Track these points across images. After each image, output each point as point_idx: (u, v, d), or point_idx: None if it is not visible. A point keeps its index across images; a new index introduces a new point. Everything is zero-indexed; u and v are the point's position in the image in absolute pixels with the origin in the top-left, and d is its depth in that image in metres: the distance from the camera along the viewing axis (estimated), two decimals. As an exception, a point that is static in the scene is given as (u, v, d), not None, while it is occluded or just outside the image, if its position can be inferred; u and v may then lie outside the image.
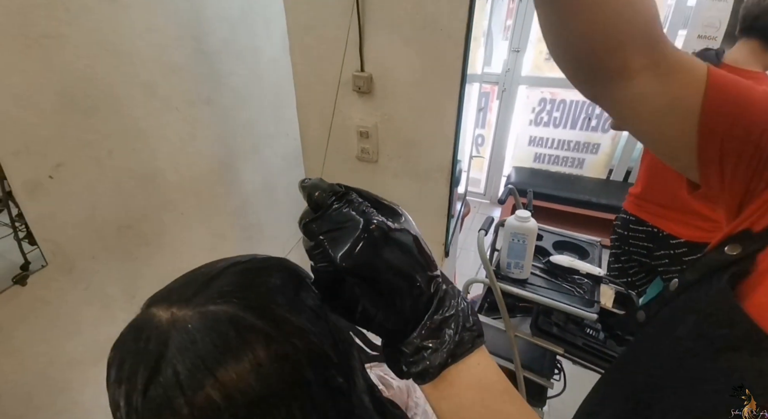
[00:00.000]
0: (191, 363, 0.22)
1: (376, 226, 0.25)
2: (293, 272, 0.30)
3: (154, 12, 0.96)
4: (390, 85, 0.85)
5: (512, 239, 0.90)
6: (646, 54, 0.35)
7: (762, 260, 0.31)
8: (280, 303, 0.26)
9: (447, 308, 0.27)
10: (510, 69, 2.52)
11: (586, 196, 2.34)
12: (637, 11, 0.33)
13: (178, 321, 0.24)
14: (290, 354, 0.24)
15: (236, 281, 0.27)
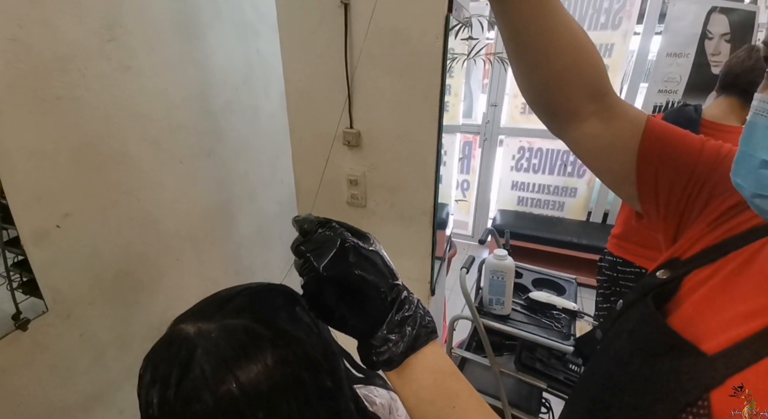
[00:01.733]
0: (215, 363, 0.29)
1: (350, 244, 0.34)
2: (292, 295, 0.37)
3: (165, 78, 1.08)
4: (376, 139, 0.96)
5: (492, 276, 0.97)
6: (594, 103, 0.44)
7: (686, 283, 0.39)
8: (283, 318, 0.33)
9: (407, 309, 0.35)
10: (489, 121, 2.74)
11: (568, 237, 2.44)
12: (584, 69, 0.42)
13: (203, 332, 0.30)
14: (290, 358, 0.31)
15: (248, 301, 0.34)
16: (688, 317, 0.36)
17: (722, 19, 1.99)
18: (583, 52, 0.42)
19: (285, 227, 1.78)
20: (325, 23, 0.88)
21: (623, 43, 2.28)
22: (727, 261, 0.37)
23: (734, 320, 0.33)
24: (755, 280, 0.34)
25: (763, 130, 0.29)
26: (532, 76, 0.43)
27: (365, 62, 0.89)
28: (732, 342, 0.32)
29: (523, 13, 0.39)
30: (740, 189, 0.32)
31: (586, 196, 2.68)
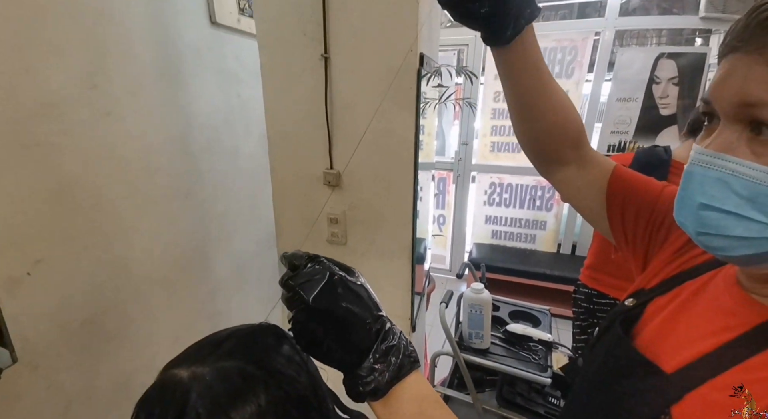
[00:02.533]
0: (210, 406, 0.29)
1: (337, 277, 0.36)
2: (282, 334, 0.38)
3: (145, 121, 1.09)
4: (356, 179, 1.00)
5: (470, 310, 0.99)
6: (574, 151, 0.53)
7: (648, 309, 0.44)
8: (274, 358, 0.34)
9: (390, 339, 0.37)
10: (462, 158, 2.88)
11: (541, 269, 2.52)
12: (569, 125, 0.52)
13: (197, 375, 0.31)
14: (282, 398, 0.32)
15: (240, 343, 0.35)
16: (651, 339, 0.41)
17: (670, 64, 2.23)
18: (567, 112, 0.52)
19: (264, 267, 1.75)
20: (307, 73, 0.95)
21: (576, 89, 2.51)
22: (683, 290, 0.42)
23: (689, 341, 0.37)
24: (705, 307, 0.39)
25: (699, 178, 0.34)
26: (529, 128, 0.53)
27: (344, 107, 0.95)
28: (688, 361, 0.36)
29: (525, 81, 0.49)
30: (684, 227, 0.37)
31: (555, 228, 2.81)
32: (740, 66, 0.31)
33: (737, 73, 0.31)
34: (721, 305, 0.38)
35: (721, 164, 0.32)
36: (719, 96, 0.33)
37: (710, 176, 0.33)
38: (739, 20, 0.33)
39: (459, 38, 2.68)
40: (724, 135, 0.33)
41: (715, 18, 2.12)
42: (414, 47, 0.85)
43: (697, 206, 0.34)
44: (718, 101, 0.33)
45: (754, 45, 0.30)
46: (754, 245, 0.31)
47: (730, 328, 0.35)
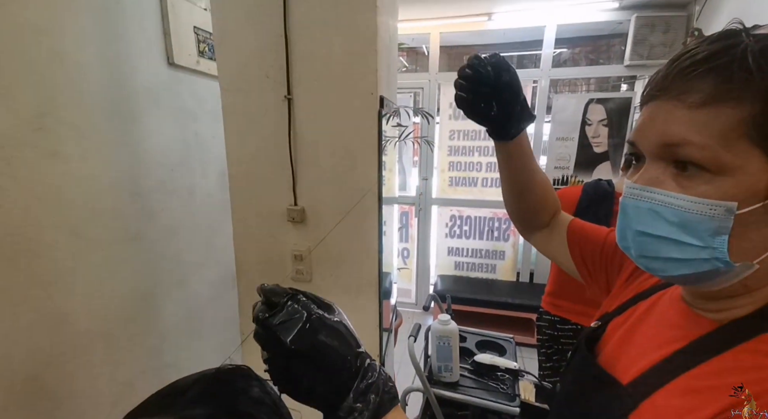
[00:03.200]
0: None
1: (315, 316, 0.36)
2: (250, 375, 0.36)
3: (93, 162, 1.04)
4: (320, 214, 1.00)
5: (438, 342, 0.99)
6: (550, 218, 0.67)
7: (608, 328, 0.49)
8: (244, 402, 0.32)
9: (370, 376, 0.36)
10: (423, 192, 2.97)
11: (502, 297, 2.59)
12: (548, 198, 0.66)
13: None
14: None
15: (207, 389, 0.33)
16: (611, 355, 0.45)
17: (599, 108, 2.51)
18: (548, 188, 0.66)
19: (218, 312, 1.65)
20: (270, 114, 0.96)
21: (523, 127, 2.73)
22: (636, 309, 0.47)
23: (641, 354, 0.41)
24: (655, 322, 0.43)
25: (633, 209, 0.38)
26: (520, 202, 0.66)
27: (308, 146, 0.97)
28: (640, 372, 0.39)
29: (520, 166, 0.62)
30: (627, 252, 0.41)
31: (513, 257, 2.92)
32: (661, 112, 0.36)
33: (659, 118, 0.36)
34: (668, 320, 0.42)
35: (651, 197, 0.36)
36: (643, 138, 0.38)
37: (642, 206, 0.37)
38: (658, 71, 0.38)
39: (415, 82, 2.86)
40: (650, 171, 0.37)
41: (640, 65, 2.44)
42: (374, 90, 0.90)
43: (635, 233, 0.38)
44: (643, 143, 0.38)
45: (674, 92, 0.35)
46: (691, 265, 0.35)
47: (676, 340, 0.39)
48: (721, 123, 0.32)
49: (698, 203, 0.33)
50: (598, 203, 1.37)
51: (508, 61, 0.56)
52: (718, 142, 0.32)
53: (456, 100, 0.57)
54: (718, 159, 0.32)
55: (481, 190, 2.84)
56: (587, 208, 1.38)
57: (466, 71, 0.54)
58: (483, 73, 0.53)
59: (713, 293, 0.37)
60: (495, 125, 0.58)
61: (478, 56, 0.54)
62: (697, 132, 0.32)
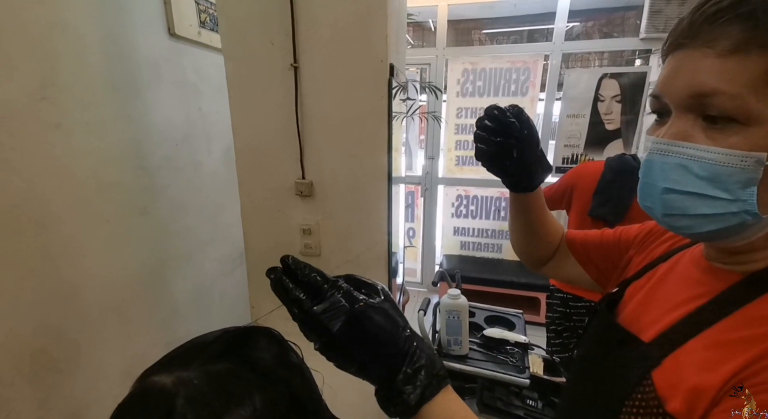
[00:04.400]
0: (201, 411, 0.26)
1: (361, 304, 0.34)
2: (275, 335, 0.35)
3: (97, 136, 1.03)
4: (329, 188, 0.99)
5: (448, 316, 0.99)
6: (556, 249, 0.68)
7: (627, 291, 0.50)
8: (267, 360, 0.32)
9: (417, 359, 0.35)
10: (428, 172, 2.94)
11: (508, 276, 2.59)
12: (557, 236, 0.67)
13: (183, 380, 0.28)
14: (278, 401, 0.30)
15: (230, 345, 0.32)
16: (631, 316, 0.46)
17: (613, 83, 2.43)
18: (557, 229, 0.67)
19: (227, 288, 1.67)
20: (276, 84, 0.93)
21: (531, 106, 2.67)
22: (656, 272, 0.48)
23: (663, 313, 0.41)
24: (676, 281, 0.43)
25: (659, 165, 0.37)
26: (528, 245, 0.68)
27: (315, 117, 0.94)
28: (663, 330, 0.39)
29: (534, 215, 0.63)
30: (650, 212, 0.40)
31: (520, 237, 2.91)
32: (688, 61, 0.34)
33: (686, 68, 0.34)
34: (690, 278, 0.42)
35: (679, 151, 0.35)
36: (670, 90, 0.36)
37: (670, 162, 0.35)
38: (682, 19, 0.36)
39: (422, 58, 2.78)
40: (678, 125, 0.35)
41: (655, 38, 2.34)
42: (384, 58, 0.87)
43: (661, 191, 0.37)
44: (670, 95, 0.36)
45: (701, 39, 0.33)
46: (719, 220, 0.34)
47: (699, 296, 0.39)
48: (751, 71, 0.31)
49: (729, 156, 0.32)
50: (624, 178, 1.33)
51: (527, 113, 0.55)
52: (748, 91, 0.31)
53: (476, 152, 0.56)
54: (749, 109, 0.31)
55: (488, 169, 2.80)
56: (611, 182, 1.35)
57: (486, 123, 0.53)
58: (506, 124, 0.52)
59: (737, 248, 0.37)
60: (514, 177, 0.57)
61: (498, 107, 0.53)
62: (728, 81, 0.31)
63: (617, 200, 1.31)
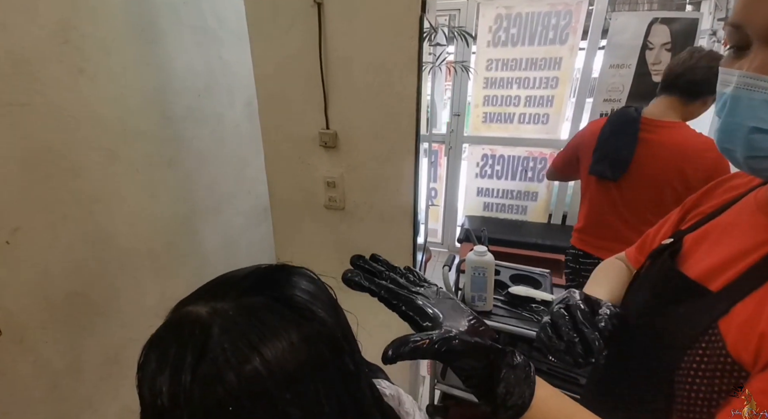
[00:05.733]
0: (237, 341, 0.26)
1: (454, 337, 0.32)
2: (309, 273, 0.35)
3: (120, 82, 1.01)
4: (353, 139, 0.95)
5: (473, 273, 0.98)
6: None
7: (686, 243, 0.48)
8: (301, 297, 0.31)
9: (504, 375, 0.33)
10: (453, 130, 2.82)
11: (532, 239, 2.54)
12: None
13: (218, 310, 0.28)
14: (315, 337, 0.29)
15: (264, 280, 0.32)
16: (696, 266, 0.44)
17: (663, 29, 2.19)
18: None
19: (253, 241, 1.71)
20: (298, 23, 0.87)
21: (570, 56, 2.46)
22: (717, 222, 0.46)
23: (731, 261, 0.39)
24: (742, 230, 0.41)
25: (747, 101, 0.33)
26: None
27: (340, 62, 0.89)
28: (731, 279, 0.38)
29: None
30: (730, 154, 0.36)
31: (546, 199, 2.82)
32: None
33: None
34: (757, 224, 0.40)
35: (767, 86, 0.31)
36: (753, 19, 0.32)
37: (757, 98, 0.32)
38: None
39: (450, 2, 2.58)
40: (762, 57, 0.32)
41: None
42: (415, -9, 0.79)
43: (747, 131, 0.33)
44: (752, 24, 0.32)
45: None
46: None
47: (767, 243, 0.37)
48: None
49: None
50: (620, 131, 1.24)
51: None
52: None
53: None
54: None
55: (517, 127, 2.66)
56: (609, 136, 1.27)
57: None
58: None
59: None
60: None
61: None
62: None
63: (614, 154, 1.24)
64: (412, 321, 0.34)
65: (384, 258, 0.40)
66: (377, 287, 0.35)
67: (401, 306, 0.35)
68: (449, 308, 0.36)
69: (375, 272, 0.38)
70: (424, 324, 0.33)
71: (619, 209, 1.28)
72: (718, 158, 1.07)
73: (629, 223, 1.27)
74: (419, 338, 0.31)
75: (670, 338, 0.40)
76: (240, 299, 0.29)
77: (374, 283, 0.36)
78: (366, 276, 0.36)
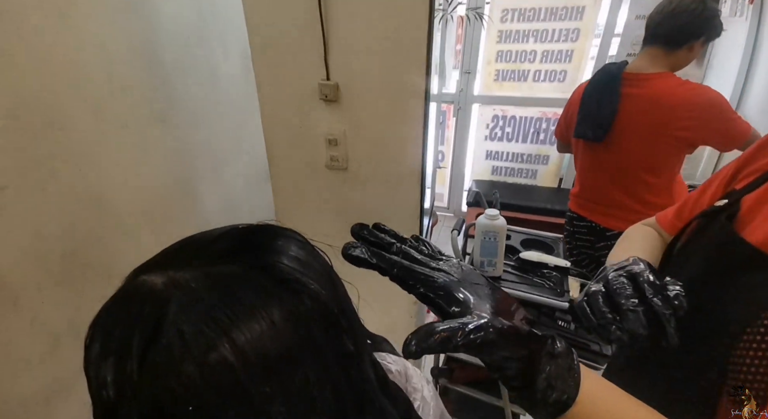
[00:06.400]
0: (199, 322, 0.20)
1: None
2: (298, 236, 0.28)
3: (104, 28, 0.94)
4: (357, 92, 0.86)
5: (483, 237, 0.93)
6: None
7: (745, 201, 0.42)
8: (288, 264, 0.25)
9: (546, 368, 0.28)
10: (463, 89, 2.67)
11: (542, 203, 2.47)
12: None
13: (178, 282, 0.22)
14: (302, 314, 0.23)
15: (239, 243, 0.25)
16: (759, 230, 0.38)
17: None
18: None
19: (255, 204, 1.66)
20: (293, -46, 0.76)
21: (594, 5, 2.25)
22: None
23: None
24: None
25: None
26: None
27: (341, 5, 0.78)
28: None
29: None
30: None
31: (558, 163, 2.71)
32: None
33: None
34: None
35: None
36: None
37: None
38: None
39: (464, -57, 2.34)
40: None
41: None
42: None
43: None
44: None
45: None
46: None
47: None
48: None
49: None
50: (601, 89, 1.17)
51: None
52: None
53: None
54: None
55: (531, 85, 2.50)
56: (590, 98, 1.20)
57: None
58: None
59: None
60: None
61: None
62: None
63: (594, 113, 1.17)
64: (435, 305, 0.28)
65: (390, 228, 0.33)
66: (388, 264, 0.29)
67: (419, 287, 0.28)
68: (477, 288, 0.29)
69: (383, 244, 0.31)
70: (451, 310, 0.27)
71: (609, 171, 1.23)
72: (711, 95, 1.03)
73: (622, 185, 1.22)
74: (448, 327, 0.25)
75: (727, 313, 0.35)
76: (208, 267, 0.23)
77: (384, 259, 0.29)
78: (372, 251, 0.29)
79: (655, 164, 1.15)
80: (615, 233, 1.30)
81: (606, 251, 1.36)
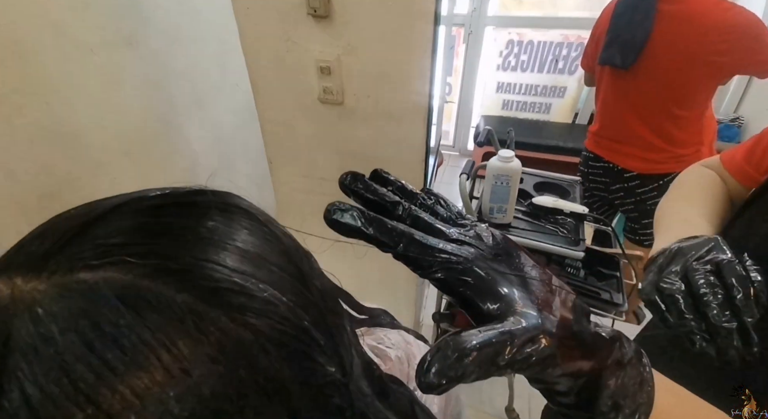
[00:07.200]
0: (49, 381, 0.12)
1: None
2: (250, 210, 0.19)
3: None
4: (352, 6, 0.71)
5: (495, 181, 0.84)
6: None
7: None
8: (217, 260, 0.15)
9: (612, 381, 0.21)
10: (476, 8, 2.36)
11: (554, 141, 2.33)
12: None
13: (23, 301, 0.13)
14: (244, 344, 0.14)
15: (134, 226, 0.15)
16: None
17: None
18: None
19: (248, 143, 1.54)
20: None
21: None
22: None
23: None
24: None
25: None
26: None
27: None
28: None
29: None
30: None
31: (575, 96, 2.51)
32: None
33: None
34: None
35: None
36: None
37: None
38: None
39: None
40: None
41: None
42: None
43: None
44: None
45: None
46: None
47: None
48: None
49: None
50: (634, 6, 1.02)
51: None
52: None
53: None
54: None
55: (554, 3, 2.20)
56: (620, 17, 1.05)
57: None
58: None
59: None
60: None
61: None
62: None
63: (626, 34, 1.03)
64: (462, 297, 0.19)
65: (395, 177, 0.23)
66: (390, 235, 0.19)
67: (436, 272, 0.19)
68: (513, 266, 0.20)
69: (385, 204, 0.21)
70: (485, 307, 0.18)
71: (634, 105, 1.11)
72: (747, 16, 0.92)
73: (647, 121, 1.11)
74: (490, 340, 0.16)
75: None
76: (72, 273, 0.13)
77: (385, 229, 0.19)
78: (368, 216, 0.19)
79: (687, 95, 1.03)
80: (633, 174, 1.21)
81: (621, 193, 1.27)
